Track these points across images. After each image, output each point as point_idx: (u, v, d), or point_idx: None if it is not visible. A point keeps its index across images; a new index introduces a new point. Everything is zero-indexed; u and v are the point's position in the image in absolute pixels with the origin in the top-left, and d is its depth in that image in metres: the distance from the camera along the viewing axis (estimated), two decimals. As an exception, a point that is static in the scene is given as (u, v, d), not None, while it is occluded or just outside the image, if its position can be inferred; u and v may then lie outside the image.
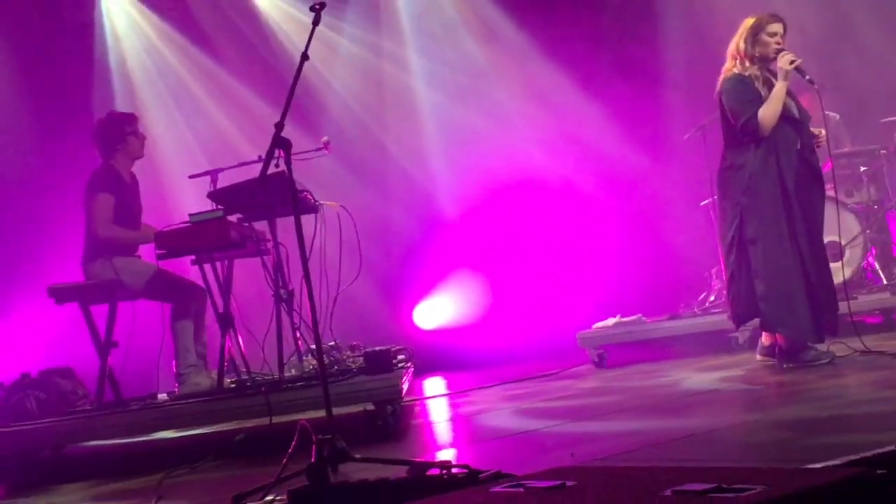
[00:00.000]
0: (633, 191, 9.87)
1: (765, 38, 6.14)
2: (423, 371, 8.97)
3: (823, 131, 6.36)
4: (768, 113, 6.02)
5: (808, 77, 6.12)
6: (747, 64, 6.17)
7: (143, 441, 6.26)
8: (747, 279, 6.16)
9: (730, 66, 6.26)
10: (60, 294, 6.36)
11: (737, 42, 6.23)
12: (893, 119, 8.82)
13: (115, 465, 5.83)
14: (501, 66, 10.38)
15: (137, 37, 10.07)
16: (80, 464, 6.04)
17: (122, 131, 6.56)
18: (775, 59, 6.10)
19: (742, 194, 6.12)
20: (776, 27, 6.15)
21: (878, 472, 2.33)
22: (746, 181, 6.10)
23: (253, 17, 10.28)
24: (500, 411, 6.17)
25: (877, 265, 8.42)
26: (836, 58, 9.56)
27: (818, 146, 6.31)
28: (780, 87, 6.04)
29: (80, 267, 6.43)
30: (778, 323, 6.09)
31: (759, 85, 6.12)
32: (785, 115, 6.08)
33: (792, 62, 6.01)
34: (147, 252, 6.43)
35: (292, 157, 4.45)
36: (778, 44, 6.13)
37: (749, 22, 6.21)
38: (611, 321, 8.31)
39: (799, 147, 6.15)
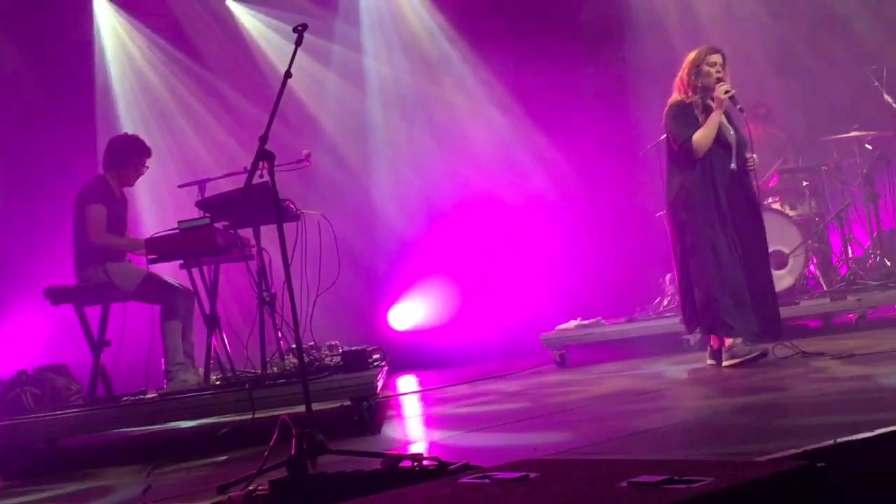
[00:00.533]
0: (595, 202, 9.89)
1: (705, 68, 6.30)
2: (396, 370, 8.96)
3: (756, 156, 6.46)
4: (703, 136, 6.20)
5: (739, 106, 6.33)
6: (689, 93, 6.34)
7: (134, 434, 6.22)
8: (687, 287, 6.33)
9: (675, 95, 6.43)
10: (56, 295, 6.35)
11: (681, 74, 6.42)
12: (833, 138, 8.91)
13: (106, 457, 5.80)
14: (469, 83, 10.41)
15: (133, 53, 10.04)
16: (73, 456, 6.00)
17: (130, 159, 6.59)
18: (714, 88, 6.25)
19: (682, 210, 6.30)
20: (715, 58, 6.32)
21: (819, 464, 2.36)
22: (685, 198, 6.28)
23: (239, 36, 10.28)
24: (469, 407, 6.18)
25: (818, 273, 8.50)
26: (783, 81, 9.66)
27: (751, 169, 6.40)
28: (715, 114, 6.23)
29: (73, 271, 6.41)
30: (715, 327, 6.24)
31: (698, 112, 6.32)
32: (720, 139, 6.26)
33: (727, 92, 6.20)
34: (138, 258, 6.43)
35: (275, 168, 4.46)
36: (718, 73, 6.28)
37: (691, 55, 6.40)
38: (572, 323, 8.35)
39: (733, 168, 6.29)
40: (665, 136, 6.51)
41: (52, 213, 8.29)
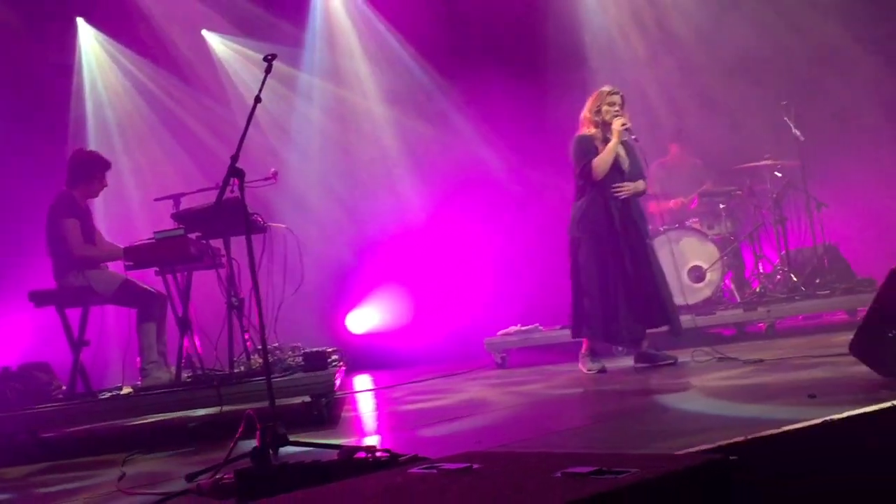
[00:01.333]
0: (536, 218, 9.94)
1: (605, 107, 6.52)
2: (353, 369, 8.94)
3: (630, 184, 6.52)
4: (601, 161, 6.40)
5: (634, 136, 6.52)
6: (591, 128, 6.55)
7: (110, 426, 6.13)
8: (579, 298, 6.47)
9: (579, 130, 6.63)
10: (39, 298, 6.26)
11: (584, 112, 6.64)
12: (747, 166, 9.03)
13: (84, 448, 5.70)
14: (425, 108, 10.43)
15: (114, 76, 9.95)
16: (53, 446, 5.90)
17: (90, 173, 6.47)
18: (612, 121, 6.44)
19: (576, 228, 6.48)
20: (614, 98, 6.56)
21: (732, 458, 2.38)
22: (580, 217, 6.47)
23: (213, 63, 10.24)
24: (418, 404, 6.17)
25: (732, 286, 8.61)
26: (704, 114, 9.78)
27: (618, 193, 6.47)
28: (612, 143, 6.43)
29: (53, 278, 6.31)
30: (595, 334, 6.41)
31: (598, 143, 6.51)
32: (616, 167, 6.46)
33: (623, 124, 6.41)
34: (116, 264, 6.36)
35: (245, 184, 4.43)
36: (616, 109, 6.49)
37: (593, 96, 6.63)
38: (512, 329, 8.38)
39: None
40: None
41: (33, 222, 8.16)
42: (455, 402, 5.96)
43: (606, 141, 6.47)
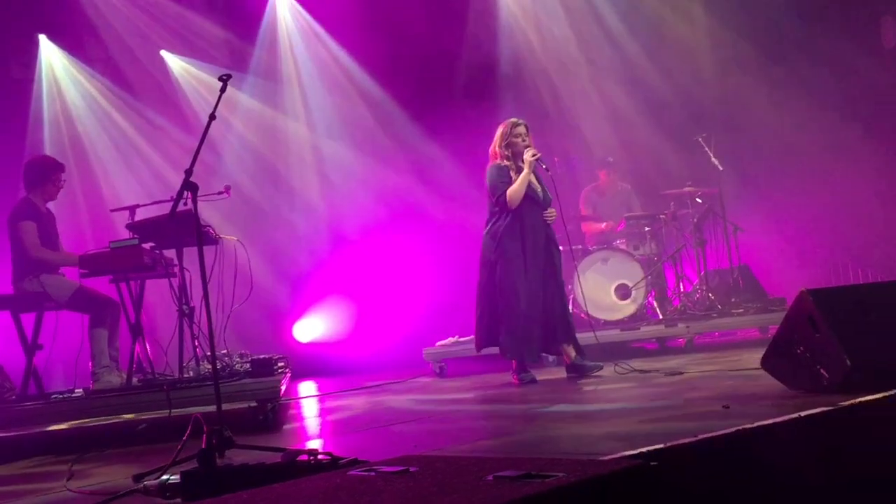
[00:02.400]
0: (474, 239, 9.95)
1: (513, 139, 6.57)
2: (298, 376, 8.86)
3: (554, 211, 6.66)
4: (514, 192, 6.44)
5: (545, 166, 6.59)
6: (504, 160, 6.56)
7: (61, 429, 5.98)
8: (490, 316, 6.52)
9: (491, 161, 6.64)
10: (-6, 303, 6.10)
11: (493, 146, 6.65)
12: (670, 192, 9.18)
13: (34, 448, 5.55)
14: (371, 135, 10.44)
15: (73, 91, 9.79)
16: (3, 447, 5.73)
17: (45, 176, 6.34)
18: (523, 152, 6.48)
19: (493, 252, 6.49)
20: (520, 129, 6.61)
21: (652, 463, 2.40)
22: (497, 241, 6.48)
23: (170, 82, 10.12)
24: (360, 410, 6.13)
25: (655, 303, 8.71)
26: (633, 144, 9.93)
27: (549, 220, 6.62)
28: (524, 174, 6.46)
29: (10, 283, 6.17)
30: (513, 349, 6.45)
31: (512, 172, 6.53)
32: (529, 195, 6.50)
33: (534, 155, 6.45)
34: (71, 272, 6.24)
35: (198, 198, 4.37)
36: (524, 141, 6.55)
37: (500, 129, 6.65)
38: (450, 340, 8.38)
39: (539, 220, 6.55)
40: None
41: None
42: (394, 409, 5.93)
43: (519, 170, 6.50)
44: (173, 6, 9.86)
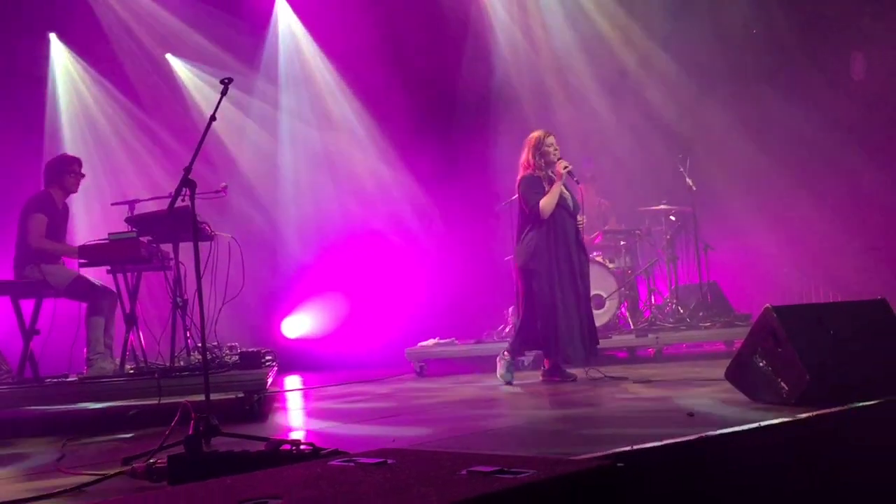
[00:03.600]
0: (457, 245, 9.99)
1: (545, 149, 6.53)
2: (285, 370, 8.84)
3: (584, 218, 6.68)
4: (548, 202, 6.39)
5: (576, 178, 6.56)
6: (536, 170, 6.52)
7: (55, 411, 5.93)
8: (531, 321, 6.41)
9: (523, 172, 6.59)
10: (-5, 288, 6.07)
11: (526, 157, 6.60)
12: (646, 209, 9.22)
13: (28, 429, 5.51)
14: (363, 139, 10.46)
15: (81, 89, 9.76)
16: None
17: (65, 170, 6.34)
18: (555, 162, 6.45)
19: (530, 260, 6.41)
20: (551, 140, 6.57)
21: (619, 464, 2.41)
22: (533, 250, 6.41)
23: (174, 83, 10.10)
24: (341, 404, 6.11)
25: (627, 314, 8.74)
26: (612, 162, 9.97)
27: (581, 227, 6.63)
28: (556, 184, 6.44)
29: (12, 269, 6.14)
30: (549, 351, 6.39)
31: (545, 183, 6.49)
32: (562, 205, 6.46)
33: (566, 167, 6.42)
34: (71, 261, 6.21)
35: (196, 195, 4.35)
36: (555, 152, 6.52)
37: (532, 141, 6.59)
38: (431, 341, 8.38)
39: (571, 227, 6.50)
40: (517, 198, 6.63)
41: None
42: (375, 405, 5.92)
43: (550, 180, 6.47)
44: (178, 12, 9.84)
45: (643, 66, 10.42)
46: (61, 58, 9.67)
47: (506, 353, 6.63)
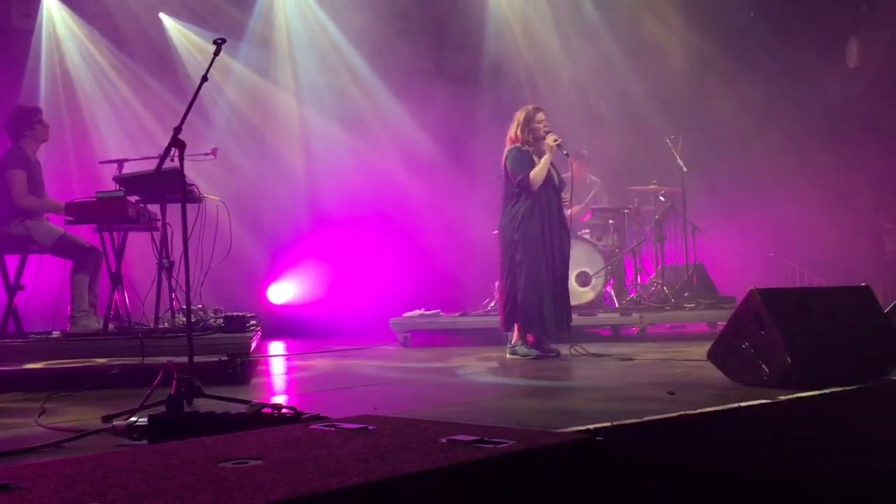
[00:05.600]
0: (446, 218, 9.98)
1: (535, 125, 6.49)
2: (269, 336, 8.84)
3: (569, 196, 6.66)
4: (537, 174, 6.37)
5: (565, 152, 6.49)
6: (524, 144, 6.49)
7: (36, 368, 5.91)
8: (513, 294, 6.40)
9: (510, 145, 6.56)
10: (-22, 244, 6.02)
11: (514, 130, 6.56)
12: (635, 188, 9.23)
13: (9, 385, 5.49)
14: (360, 110, 10.40)
15: (71, 45, 9.63)
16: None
17: (31, 120, 6.24)
18: (544, 137, 6.40)
19: (515, 232, 6.40)
20: (541, 115, 6.53)
21: (598, 438, 2.42)
22: (518, 222, 6.39)
23: (166, 42, 10.00)
24: (325, 371, 6.13)
25: (613, 292, 8.76)
26: (602, 140, 9.96)
27: (564, 204, 6.64)
28: (546, 157, 6.40)
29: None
30: (530, 325, 6.36)
31: (533, 156, 6.47)
32: (548, 179, 6.44)
33: (555, 140, 6.38)
34: (56, 218, 6.17)
35: (185, 156, 4.32)
36: (545, 127, 6.46)
37: (521, 114, 6.56)
38: (416, 312, 8.37)
39: (555, 204, 6.50)
40: (503, 173, 6.61)
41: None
42: (359, 373, 5.94)
43: (539, 154, 6.45)
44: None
45: (639, 41, 10.38)
46: (52, 11, 9.54)
47: (508, 335, 6.62)
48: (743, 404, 3.55)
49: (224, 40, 4.41)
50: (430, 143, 10.05)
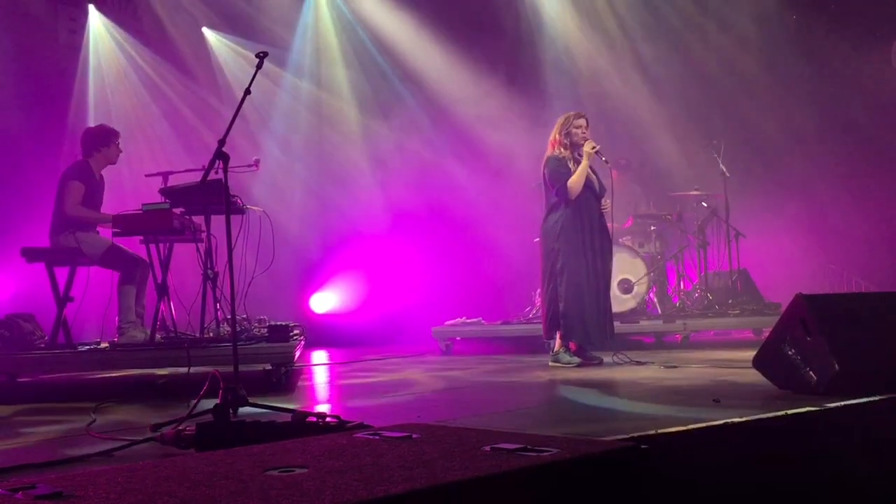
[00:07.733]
0: (489, 226, 9.97)
1: (573, 130, 6.43)
2: (312, 345, 8.91)
3: (609, 201, 6.59)
4: (575, 182, 6.32)
5: (604, 158, 6.45)
6: (561, 150, 6.45)
7: (85, 377, 6.03)
8: (555, 301, 6.38)
9: (549, 151, 6.53)
10: (31, 255, 6.17)
11: (553, 134, 6.53)
12: (678, 194, 9.15)
13: (59, 394, 5.60)
14: (405, 119, 10.45)
15: (117, 60, 9.82)
16: (30, 390, 5.79)
17: (109, 140, 6.41)
18: (582, 143, 6.37)
19: (556, 241, 6.38)
20: (581, 121, 6.48)
21: (643, 446, 2.40)
22: (559, 231, 6.37)
23: (208, 57, 10.15)
24: (368, 379, 6.14)
25: (655, 300, 8.69)
26: (647, 147, 9.89)
27: (605, 210, 6.57)
28: (584, 165, 6.35)
29: (48, 236, 6.22)
30: (572, 333, 6.33)
31: (570, 164, 6.42)
32: (588, 186, 6.40)
33: (593, 147, 6.33)
34: (105, 230, 6.28)
35: (229, 168, 4.38)
36: (584, 133, 6.42)
37: (561, 120, 6.54)
38: (458, 320, 8.39)
39: (595, 210, 6.46)
40: (542, 181, 6.59)
41: (26, 186, 8.03)
42: (401, 381, 5.95)
43: (576, 161, 6.41)
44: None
45: (678, 54, 10.31)
46: (98, 28, 9.73)
47: (550, 343, 6.60)
48: (790, 412, 3.49)
49: (266, 53, 4.47)
50: (479, 153, 10.05)
